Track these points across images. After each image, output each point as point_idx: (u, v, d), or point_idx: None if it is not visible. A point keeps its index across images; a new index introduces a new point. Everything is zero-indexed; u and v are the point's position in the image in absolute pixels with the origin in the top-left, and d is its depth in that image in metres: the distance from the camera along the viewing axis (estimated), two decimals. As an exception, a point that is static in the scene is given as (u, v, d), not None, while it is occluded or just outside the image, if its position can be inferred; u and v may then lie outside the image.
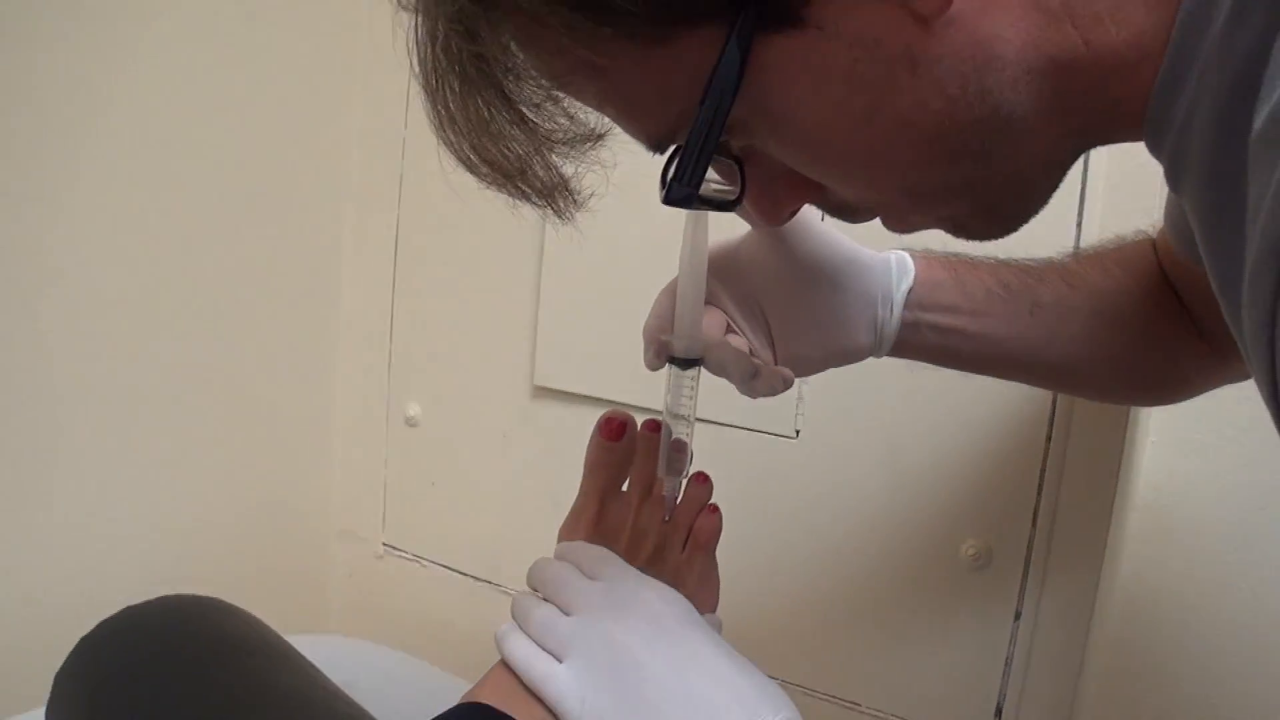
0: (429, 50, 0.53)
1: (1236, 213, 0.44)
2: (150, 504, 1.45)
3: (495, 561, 1.61)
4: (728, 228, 0.77)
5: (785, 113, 0.52)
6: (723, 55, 0.48)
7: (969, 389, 1.13)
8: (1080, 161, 1.06)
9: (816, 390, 1.27)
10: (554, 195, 0.58)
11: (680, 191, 0.55)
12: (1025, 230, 0.63)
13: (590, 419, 0.83)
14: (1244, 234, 0.43)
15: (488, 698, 0.68)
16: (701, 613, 0.75)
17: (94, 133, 1.28)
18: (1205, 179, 0.48)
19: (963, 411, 1.18)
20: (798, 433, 1.29)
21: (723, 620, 0.80)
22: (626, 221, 1.19)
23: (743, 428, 1.31)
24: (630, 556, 0.78)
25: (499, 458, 1.58)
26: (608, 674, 0.65)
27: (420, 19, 0.52)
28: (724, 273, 0.79)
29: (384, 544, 1.74)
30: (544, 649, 0.69)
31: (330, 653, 1.18)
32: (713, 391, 0.80)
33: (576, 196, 0.58)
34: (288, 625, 1.05)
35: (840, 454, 1.27)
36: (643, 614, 0.68)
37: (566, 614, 0.70)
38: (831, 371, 0.85)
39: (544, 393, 1.51)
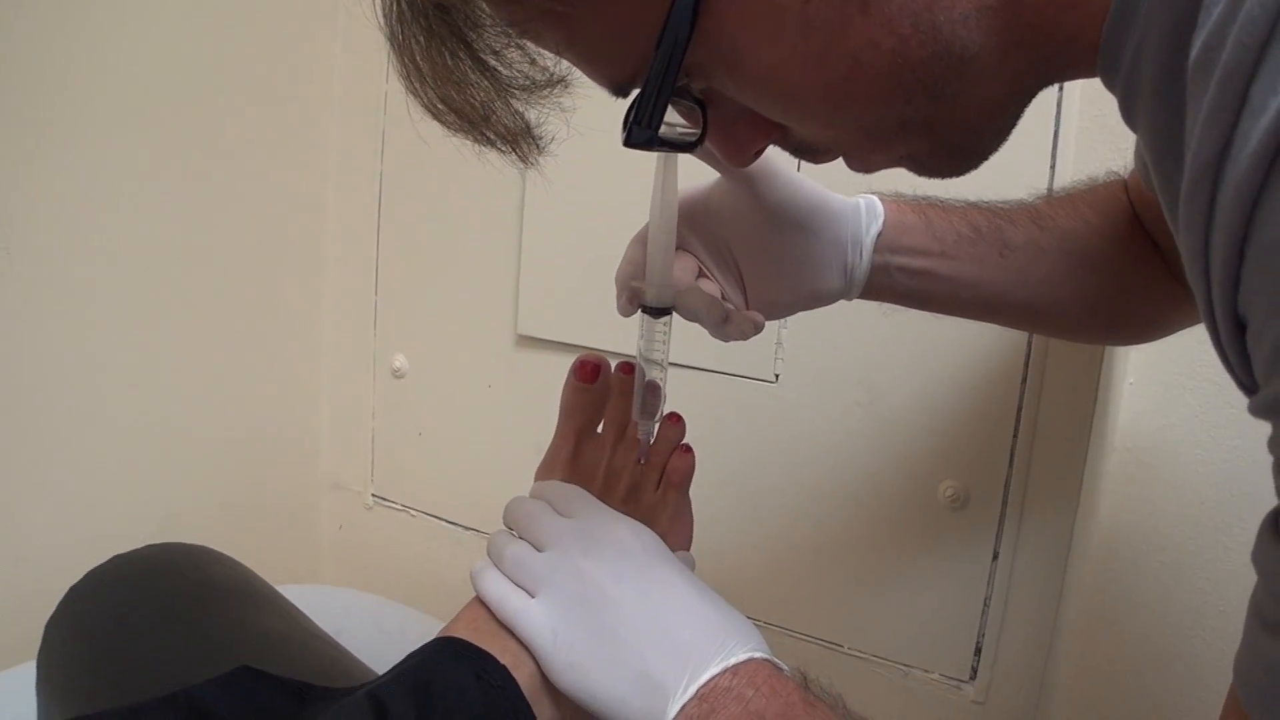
0: (394, 3, 0.54)
1: (1180, 143, 0.45)
2: (141, 459, 1.46)
3: (483, 510, 1.62)
4: (699, 175, 0.78)
5: (740, 55, 0.53)
6: (675, 1, 0.49)
7: (945, 331, 1.14)
8: (1054, 102, 1.08)
9: (795, 334, 1.27)
10: (518, 141, 0.59)
11: (640, 134, 0.56)
12: (1000, 172, 0.64)
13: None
14: (1184, 163, 0.44)
15: (462, 632, 0.69)
16: (675, 550, 0.76)
17: (79, 88, 1.27)
18: (1154, 111, 0.49)
19: (940, 354, 1.19)
20: (777, 376, 1.30)
21: (698, 560, 0.81)
22: (604, 171, 1.20)
23: (723, 372, 1.32)
24: (605, 496, 0.80)
25: (485, 407, 1.59)
26: (578, 608, 0.67)
27: None
28: (695, 219, 0.80)
29: (373, 495, 1.75)
30: (517, 584, 0.70)
31: (321, 601, 1.19)
32: (692, 336, 0.81)
33: (540, 141, 0.59)
34: (280, 577, 1.06)
35: (819, 397, 1.28)
36: (613, 549, 0.70)
37: (539, 550, 0.71)
38: (810, 315, 0.87)
39: (527, 342, 1.52)
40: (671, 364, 0.81)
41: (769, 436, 1.32)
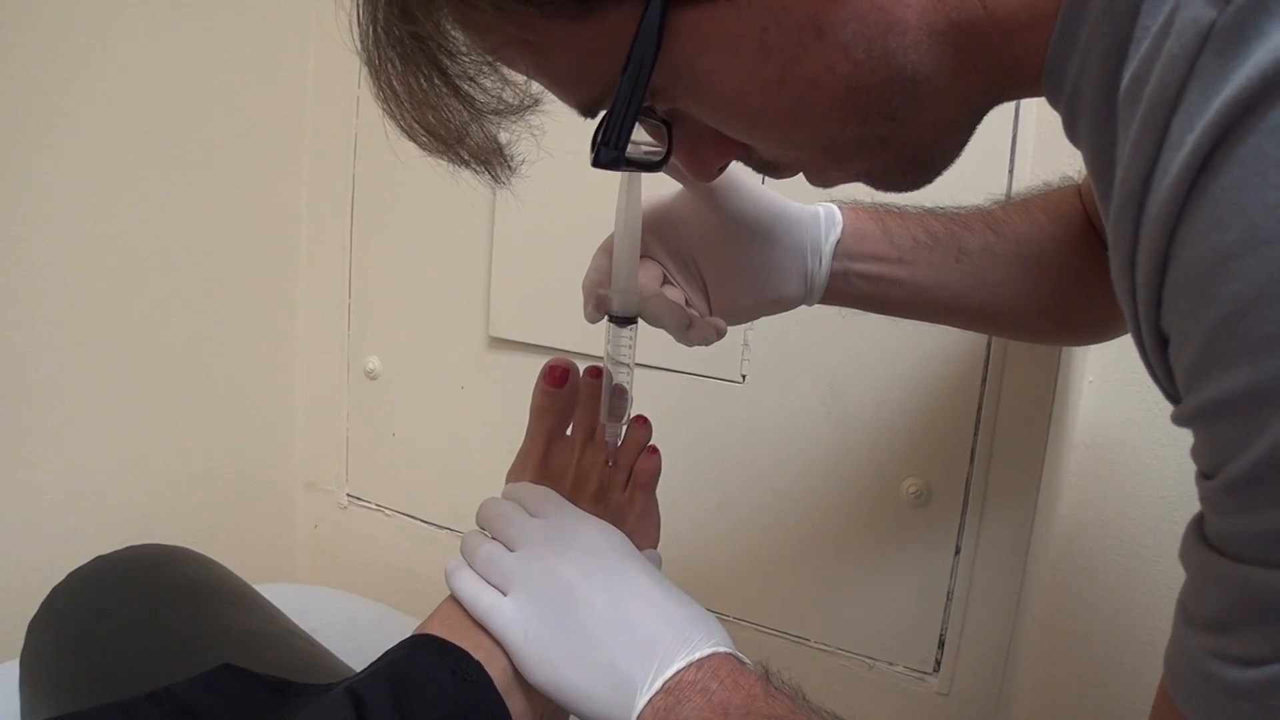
0: (370, 30, 0.56)
1: (1113, 165, 0.47)
2: (118, 461, 1.47)
3: (456, 509, 1.63)
4: (663, 185, 0.80)
5: (702, 79, 0.55)
6: (640, 28, 0.51)
7: (908, 332, 1.15)
8: (1011, 110, 1.10)
9: (762, 336, 1.29)
10: (490, 161, 0.61)
11: (608, 154, 0.58)
12: (959, 179, 0.66)
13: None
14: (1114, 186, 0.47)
15: (437, 629, 0.72)
16: (642, 548, 0.79)
17: (53, 96, 1.28)
18: (1093, 133, 0.51)
19: (902, 354, 1.21)
20: (744, 377, 1.32)
21: (668, 556, 0.83)
22: (574, 178, 1.21)
23: (690, 373, 1.34)
24: (574, 497, 0.82)
25: (457, 408, 1.61)
26: (549, 605, 0.69)
27: (371, 10, 0.55)
28: (659, 229, 0.82)
29: (348, 495, 1.77)
30: (490, 583, 0.73)
31: (296, 600, 1.20)
32: (661, 338, 0.83)
33: (511, 162, 0.62)
34: (256, 576, 1.08)
35: (785, 397, 1.30)
36: (582, 548, 0.72)
37: (511, 550, 0.74)
38: (776, 318, 0.89)
39: (499, 343, 1.53)
40: (640, 365, 0.83)
41: (736, 436, 1.34)
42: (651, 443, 0.87)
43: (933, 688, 1.27)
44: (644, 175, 0.73)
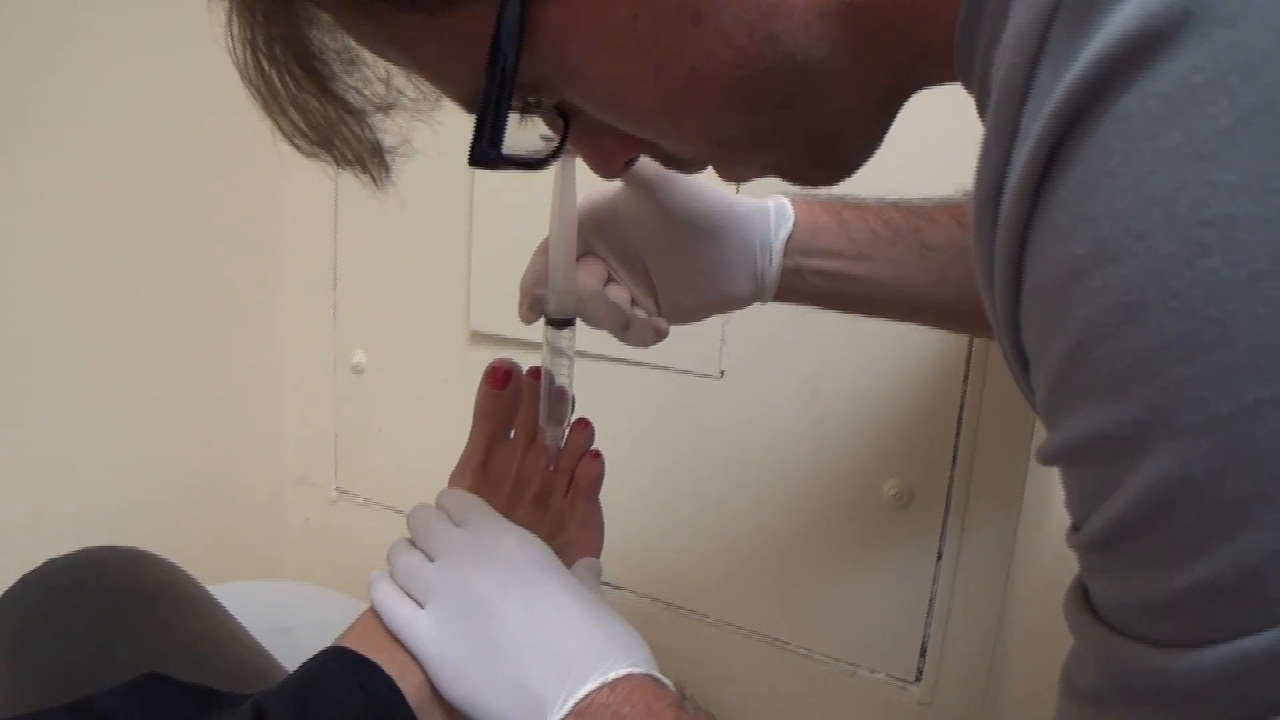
0: (240, 34, 0.55)
1: None
2: (106, 458, 1.46)
3: (441, 504, 1.62)
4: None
5: (577, 72, 0.52)
6: (500, 19, 0.48)
7: (888, 329, 1.11)
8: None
9: (740, 331, 1.27)
10: (365, 162, 0.59)
11: (483, 153, 0.54)
12: (931, 171, 0.63)
13: (523, 362, 0.87)
14: None
15: (353, 642, 0.70)
16: (583, 556, 0.77)
17: (30, 94, 1.28)
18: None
19: (883, 352, 1.18)
20: (722, 373, 1.29)
21: (639, 556, 0.82)
22: (549, 173, 1.19)
23: (668, 368, 1.31)
24: (513, 502, 0.80)
25: (441, 402, 1.58)
26: (464, 619, 0.67)
27: (235, 9, 0.54)
28: (603, 225, 0.80)
29: (337, 489, 1.76)
30: (409, 594, 0.71)
31: (275, 597, 1.20)
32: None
33: (389, 163, 0.60)
34: (247, 572, 1.07)
35: (764, 394, 1.27)
36: (500, 561, 0.70)
37: (431, 560, 0.72)
38: (756, 313, 0.87)
39: (480, 338, 1.52)
40: (615, 359, 0.81)
41: (714, 433, 1.32)
42: (595, 446, 0.85)
43: (915, 697, 1.24)
44: (581, 171, 0.70)
